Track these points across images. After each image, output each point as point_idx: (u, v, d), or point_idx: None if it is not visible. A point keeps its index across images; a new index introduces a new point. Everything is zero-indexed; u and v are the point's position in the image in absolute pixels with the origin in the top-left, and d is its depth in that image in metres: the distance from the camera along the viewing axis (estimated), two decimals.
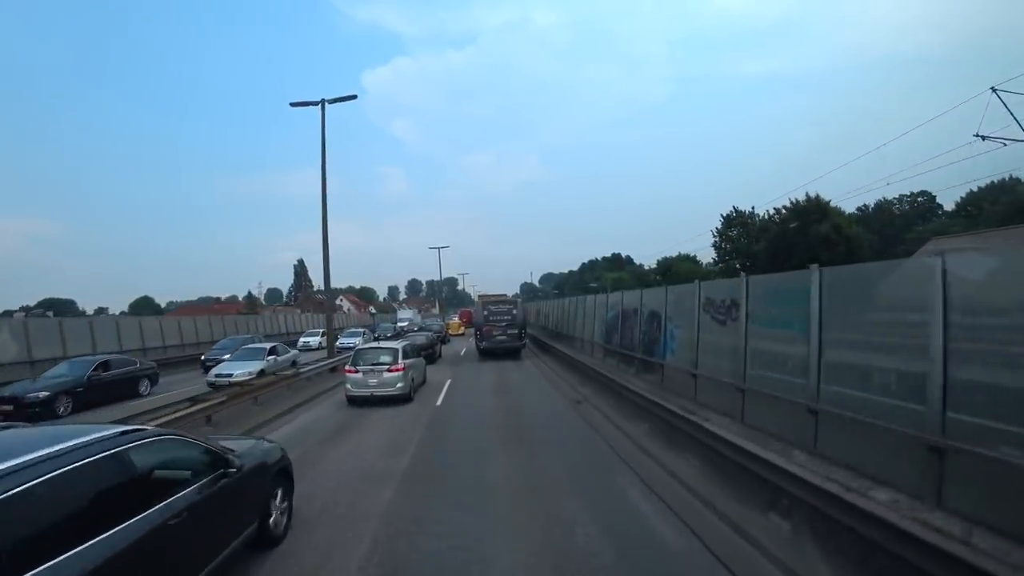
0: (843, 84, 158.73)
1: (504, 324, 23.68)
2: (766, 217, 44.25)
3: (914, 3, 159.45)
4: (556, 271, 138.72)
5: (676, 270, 51.73)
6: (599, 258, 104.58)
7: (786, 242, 37.83)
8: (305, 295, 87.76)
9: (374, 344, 15.74)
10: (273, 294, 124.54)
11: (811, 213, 35.90)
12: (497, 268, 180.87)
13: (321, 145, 20.61)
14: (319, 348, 27.42)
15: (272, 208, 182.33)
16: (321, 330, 29.26)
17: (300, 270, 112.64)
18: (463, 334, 51.58)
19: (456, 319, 60.02)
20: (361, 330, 34.72)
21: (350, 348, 22.73)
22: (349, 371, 13.39)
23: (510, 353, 23.77)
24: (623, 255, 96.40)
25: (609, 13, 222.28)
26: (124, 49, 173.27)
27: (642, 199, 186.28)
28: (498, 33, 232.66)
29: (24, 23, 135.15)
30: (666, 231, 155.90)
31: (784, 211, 41.74)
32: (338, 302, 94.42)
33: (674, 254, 59.55)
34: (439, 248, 52.01)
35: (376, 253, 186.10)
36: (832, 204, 36.66)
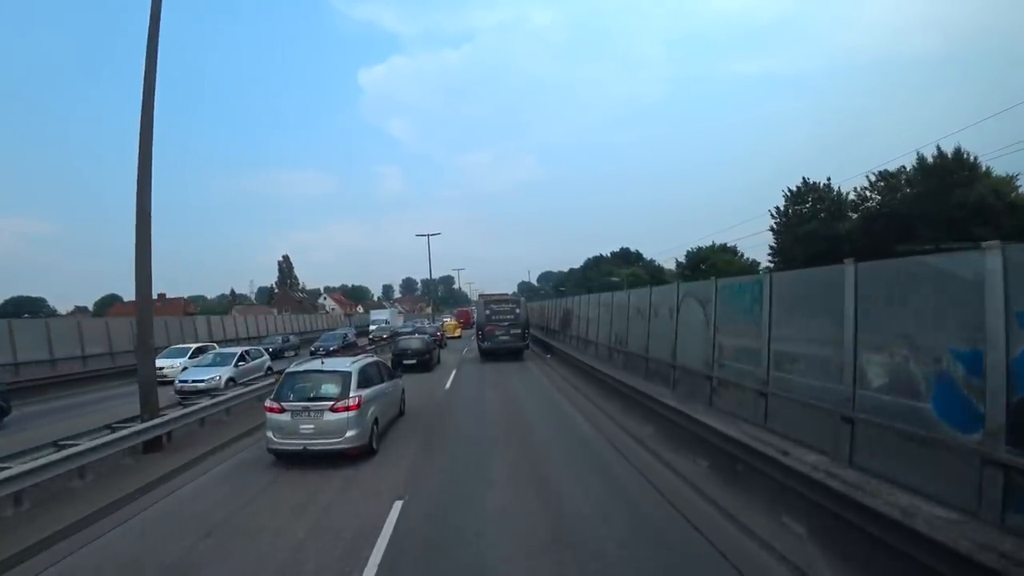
0: (842, 84, 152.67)
1: (507, 324, 22.66)
2: (860, 190, 33.48)
3: (912, 4, 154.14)
4: (554, 270, 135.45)
5: (713, 262, 41.47)
6: (605, 254, 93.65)
7: (899, 217, 27.27)
8: (282, 293, 76.15)
9: (313, 366, 9.56)
10: (264, 292, 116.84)
11: (951, 174, 25.11)
12: (494, 267, 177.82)
13: None
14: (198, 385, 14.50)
15: (269, 206, 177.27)
16: (195, 345, 18.29)
17: (285, 267, 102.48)
18: (459, 336, 42.56)
19: (451, 320, 50.12)
20: (233, 351, 17.84)
21: (202, 391, 12.10)
22: (271, 409, 8.36)
23: (512, 353, 22.84)
24: (632, 250, 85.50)
25: (606, 12, 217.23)
26: (115, 46, 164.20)
27: (641, 199, 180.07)
28: (494, 32, 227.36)
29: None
30: (666, 231, 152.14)
31: (886, 180, 31.01)
32: (321, 300, 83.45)
33: (674, 254, 50.86)
34: (428, 235, 40.51)
35: (372, 252, 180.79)
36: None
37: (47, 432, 9.35)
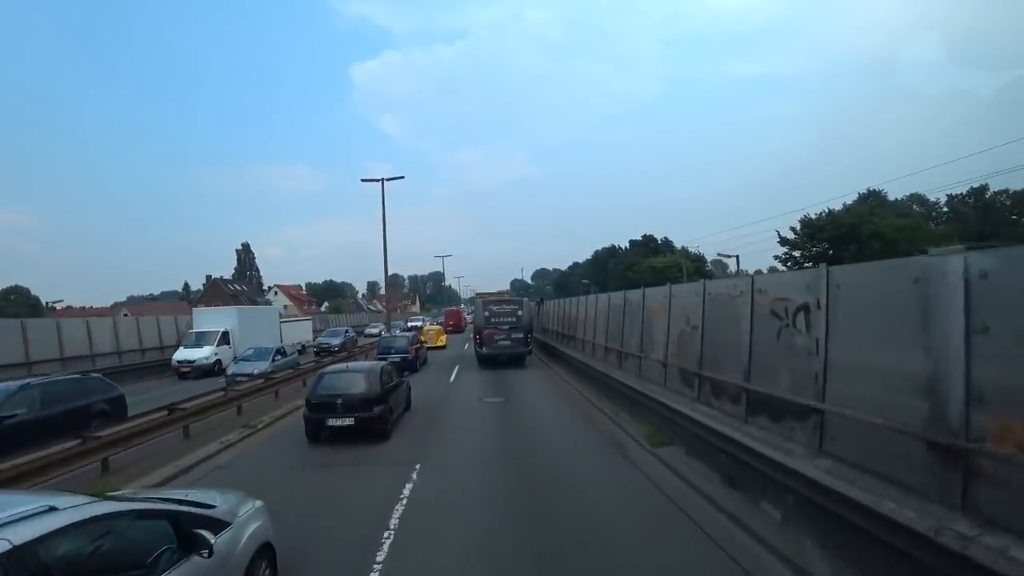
0: (837, 86, 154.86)
1: (508, 327, 20.18)
2: None
3: (909, 7, 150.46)
4: (550, 267, 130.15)
5: (876, 230, 27.36)
6: (621, 246, 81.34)
7: None
8: (211, 287, 61.64)
9: None
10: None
11: None
12: (487, 265, 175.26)
13: None
14: None
15: (258, 202, 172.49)
16: None
17: (243, 255, 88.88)
18: (444, 346, 30.98)
19: (431, 324, 37.74)
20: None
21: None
22: None
23: (514, 360, 20.37)
24: (658, 238, 73.34)
25: (600, 10, 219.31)
26: (106, 40, 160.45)
27: (636, 197, 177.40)
28: (488, 29, 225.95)
29: None
30: (663, 227, 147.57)
31: None
32: (272, 296, 70.04)
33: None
34: (383, 181, 26.46)
35: (361, 249, 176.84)
36: None
37: None
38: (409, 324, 42.20)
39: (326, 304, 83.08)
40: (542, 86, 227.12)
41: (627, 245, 78.33)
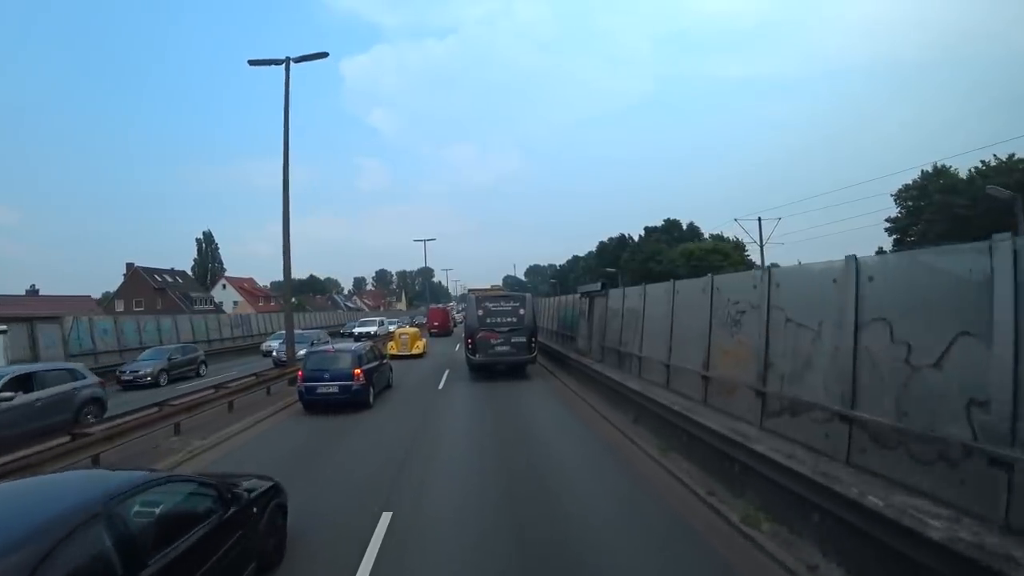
0: (828, 88, 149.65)
1: (507, 329, 16.86)
2: None
3: (904, 7, 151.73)
4: (544, 263, 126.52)
5: None
6: (632, 235, 71.46)
7: None
8: (132, 278, 49.05)
9: None
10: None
11: None
12: (479, 262, 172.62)
13: None
14: None
15: (247, 197, 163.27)
16: None
17: (204, 246, 78.08)
18: (422, 353, 23.76)
19: (404, 326, 27.96)
20: None
21: None
22: None
23: (514, 369, 17.14)
24: (684, 223, 63.50)
25: (591, 6, 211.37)
26: (94, 32, 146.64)
27: (630, 195, 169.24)
28: (479, 24, 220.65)
29: None
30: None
31: None
32: (220, 290, 59.15)
33: None
34: (287, 61, 15.36)
35: (351, 246, 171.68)
36: None
37: None
38: (356, 330, 29.95)
39: (293, 300, 72.67)
40: (534, 82, 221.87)
41: (641, 233, 68.70)
